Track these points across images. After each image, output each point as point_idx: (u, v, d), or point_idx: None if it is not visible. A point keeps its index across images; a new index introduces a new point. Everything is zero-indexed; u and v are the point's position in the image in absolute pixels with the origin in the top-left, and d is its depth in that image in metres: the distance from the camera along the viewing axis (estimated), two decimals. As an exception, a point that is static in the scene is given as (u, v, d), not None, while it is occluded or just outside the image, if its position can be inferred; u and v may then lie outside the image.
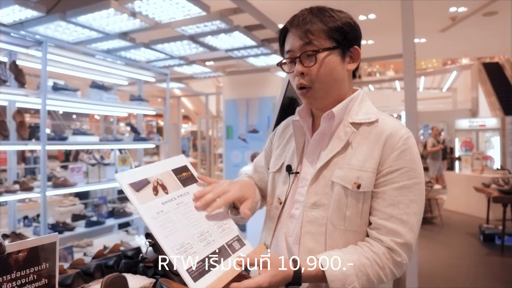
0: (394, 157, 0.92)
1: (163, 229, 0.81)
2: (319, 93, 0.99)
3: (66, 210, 4.01)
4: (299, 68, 0.97)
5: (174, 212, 0.86)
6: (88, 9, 3.61)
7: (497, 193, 5.00)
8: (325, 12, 0.98)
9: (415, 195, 0.93)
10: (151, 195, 0.86)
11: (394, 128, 0.96)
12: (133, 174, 0.87)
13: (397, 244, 0.90)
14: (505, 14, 6.18)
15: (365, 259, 0.89)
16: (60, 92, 3.38)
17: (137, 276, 1.35)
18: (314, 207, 0.98)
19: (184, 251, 0.80)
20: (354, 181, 0.93)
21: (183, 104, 15.34)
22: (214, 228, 0.90)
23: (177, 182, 0.94)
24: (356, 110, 1.01)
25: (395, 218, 0.91)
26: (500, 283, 3.88)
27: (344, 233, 0.94)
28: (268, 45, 4.94)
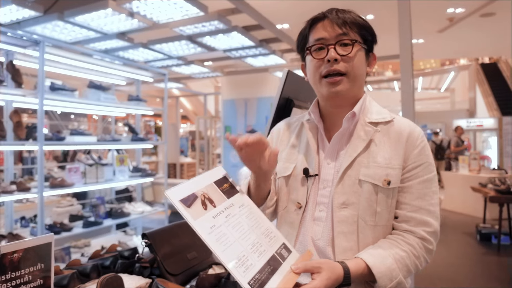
0: (416, 153, 0.99)
1: (219, 243, 0.82)
2: (350, 83, 1.00)
3: (63, 211, 4.01)
4: (333, 54, 0.98)
5: (225, 225, 0.87)
6: (86, 9, 3.61)
7: (493, 193, 5.01)
8: (355, 13, 1.04)
9: (435, 187, 1.01)
10: (201, 209, 0.87)
11: (410, 126, 1.02)
12: (182, 190, 0.88)
13: (428, 233, 0.97)
14: (502, 15, 6.20)
15: (402, 252, 0.94)
16: (57, 92, 3.38)
17: (133, 276, 1.35)
18: (343, 206, 0.99)
19: (242, 264, 0.81)
20: (384, 178, 0.97)
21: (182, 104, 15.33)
22: (262, 237, 0.91)
23: (221, 194, 0.95)
24: (369, 110, 1.05)
25: (423, 210, 0.98)
26: (496, 283, 3.89)
27: (374, 228, 0.98)
28: (266, 46, 4.94)
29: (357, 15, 1.03)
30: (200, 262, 1.45)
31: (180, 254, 1.42)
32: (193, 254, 1.46)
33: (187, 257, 1.43)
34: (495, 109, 10.61)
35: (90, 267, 1.41)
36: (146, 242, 1.38)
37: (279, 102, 1.52)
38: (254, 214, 0.97)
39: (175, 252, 1.41)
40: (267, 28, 4.36)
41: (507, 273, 4.19)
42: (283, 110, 1.56)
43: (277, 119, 1.57)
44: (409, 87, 2.72)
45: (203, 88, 11.59)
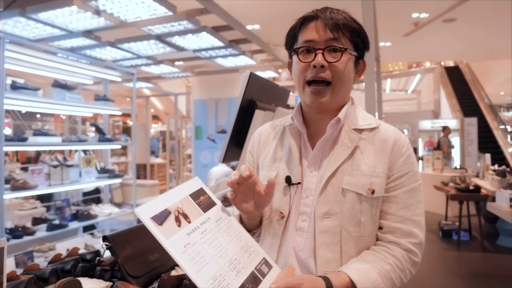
0: (401, 162, 0.96)
1: (193, 263, 0.77)
2: (335, 92, 0.96)
3: (26, 214, 3.87)
4: (320, 60, 0.92)
5: (200, 243, 0.82)
6: (50, 5, 3.50)
7: (454, 191, 5.23)
8: (349, 16, 0.98)
9: (420, 196, 0.98)
10: (174, 227, 0.81)
11: (396, 134, 0.99)
12: (153, 206, 0.81)
13: (414, 244, 0.93)
14: (463, 21, 6.48)
15: (387, 265, 0.90)
16: (19, 91, 3.27)
17: (93, 279, 1.33)
18: (326, 216, 0.94)
19: (218, 284, 0.76)
20: (368, 187, 0.93)
21: (153, 104, 15.11)
22: (241, 253, 0.86)
23: (197, 208, 0.89)
24: (355, 116, 1.01)
25: (409, 220, 0.94)
26: (455, 277, 4.07)
27: (358, 239, 0.94)
28: (236, 46, 4.95)
29: (351, 18, 0.97)
30: (162, 264, 1.45)
31: (142, 256, 1.42)
32: (155, 256, 1.45)
33: (149, 259, 1.43)
34: (458, 110, 11.05)
35: (48, 272, 1.38)
36: (106, 244, 1.37)
37: (241, 103, 1.54)
38: (233, 228, 0.91)
39: (137, 255, 1.41)
40: (236, 29, 4.37)
41: (465, 268, 4.39)
42: (246, 112, 1.58)
43: (240, 121, 1.59)
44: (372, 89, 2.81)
45: (174, 88, 11.47)
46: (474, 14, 6.18)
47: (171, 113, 13.58)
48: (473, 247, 5.10)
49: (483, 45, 8.59)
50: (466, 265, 4.47)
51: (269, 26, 5.89)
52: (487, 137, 10.02)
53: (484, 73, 13.39)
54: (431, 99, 13.65)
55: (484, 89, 12.24)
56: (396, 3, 5.40)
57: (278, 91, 1.92)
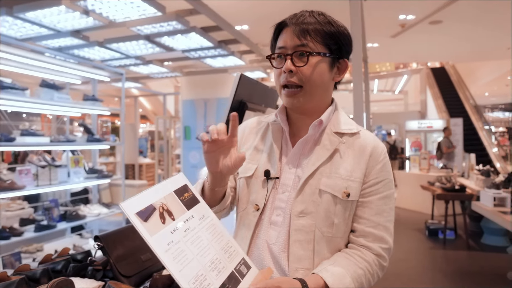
0: (378, 169, 0.99)
1: (176, 262, 0.77)
2: (307, 95, 0.99)
3: (13, 214, 3.83)
4: (289, 65, 0.96)
5: (184, 241, 0.82)
6: (37, 5, 3.47)
7: (440, 190, 5.33)
8: (325, 18, 0.99)
9: (393, 203, 1.02)
10: (159, 223, 0.81)
11: (375, 142, 1.03)
12: (138, 201, 0.81)
13: (384, 249, 0.98)
14: (449, 23, 6.60)
15: (360, 270, 0.94)
16: (6, 91, 3.23)
17: (85, 279, 1.34)
18: (302, 215, 0.97)
19: (200, 284, 0.77)
20: (344, 190, 0.97)
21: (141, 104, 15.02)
22: (221, 253, 0.87)
23: (181, 205, 0.89)
24: (337, 119, 1.05)
25: (381, 226, 0.98)
26: (441, 274, 4.15)
27: (331, 239, 0.98)
28: (225, 47, 4.96)
29: (326, 21, 0.98)
30: (153, 263, 1.46)
31: (134, 256, 1.43)
32: (147, 255, 1.46)
33: (141, 259, 1.44)
34: (444, 111, 11.23)
35: (40, 272, 1.38)
36: (98, 244, 1.37)
37: (232, 105, 1.57)
38: (215, 227, 0.92)
39: (128, 254, 1.41)
40: (225, 29, 4.38)
41: (451, 266, 4.49)
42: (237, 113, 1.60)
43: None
44: (360, 89, 2.86)
45: (162, 88, 11.42)
46: (460, 16, 6.30)
47: (159, 113, 13.51)
48: (458, 246, 5.21)
49: (468, 47, 8.76)
50: (452, 263, 4.56)
51: (257, 26, 5.92)
52: (472, 137, 10.21)
53: (469, 74, 13.65)
54: (417, 99, 13.85)
55: (469, 90, 12.47)
56: (383, 5, 5.48)
57: (268, 92, 1.95)
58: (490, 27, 6.94)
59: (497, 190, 4.21)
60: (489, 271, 4.25)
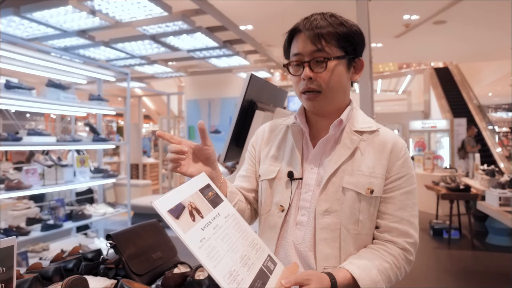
0: (399, 165, 1.00)
1: (210, 258, 0.79)
2: (327, 99, 1.00)
3: (20, 214, 3.85)
4: (308, 72, 0.97)
5: (214, 238, 0.84)
6: (44, 5, 3.49)
7: (444, 190, 5.32)
8: (337, 19, 0.98)
9: (415, 198, 1.02)
10: (190, 221, 0.82)
11: (394, 138, 1.03)
12: (169, 200, 0.83)
13: (409, 244, 0.99)
14: (453, 23, 6.60)
15: (386, 263, 0.95)
16: (13, 90, 3.25)
17: (98, 277, 1.35)
18: (326, 213, 0.99)
19: (234, 279, 0.79)
20: (367, 187, 0.97)
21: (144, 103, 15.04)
22: (249, 250, 0.89)
23: (207, 203, 0.91)
24: (356, 118, 1.05)
25: (405, 221, 0.99)
26: (446, 274, 4.15)
27: (357, 236, 0.98)
28: (230, 47, 4.98)
29: (338, 22, 0.98)
30: (165, 262, 1.47)
31: (145, 254, 1.44)
32: (158, 254, 1.47)
33: (152, 257, 1.45)
34: (447, 111, 11.22)
35: (52, 270, 1.39)
36: (111, 243, 1.38)
37: (242, 104, 1.57)
38: (240, 225, 0.94)
39: (140, 253, 1.43)
40: (230, 29, 4.39)
41: (456, 265, 4.48)
42: (246, 113, 1.61)
43: (241, 121, 1.62)
44: (367, 89, 2.86)
45: (166, 88, 11.44)
46: (464, 17, 6.29)
47: (162, 113, 13.54)
48: (463, 246, 5.20)
49: (472, 47, 8.74)
50: (456, 263, 4.56)
51: (261, 26, 5.93)
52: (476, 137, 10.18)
53: (473, 74, 13.62)
54: (421, 99, 13.83)
55: (472, 90, 12.44)
56: (387, 5, 5.47)
57: (277, 92, 1.96)
58: (494, 27, 6.92)
59: (502, 190, 4.20)
60: (494, 270, 4.24)
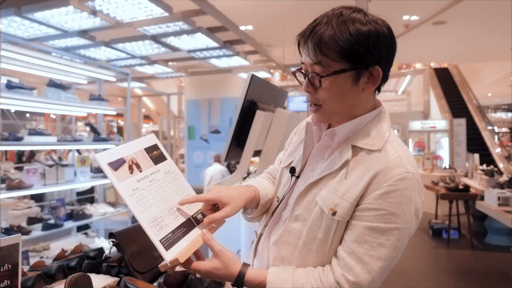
0: (376, 195, 0.84)
1: (139, 205, 0.90)
2: (330, 112, 0.93)
3: (21, 213, 3.86)
4: (306, 86, 0.92)
5: (148, 189, 0.94)
6: (46, 5, 3.50)
7: (444, 190, 5.34)
8: (343, 24, 0.85)
9: (387, 240, 0.84)
10: (127, 173, 0.93)
11: (390, 163, 0.86)
12: (111, 154, 0.93)
13: (347, 281, 0.85)
14: (452, 24, 6.62)
15: (309, 285, 0.87)
16: (14, 90, 3.26)
17: (101, 275, 1.37)
18: (297, 219, 0.96)
19: (157, 224, 0.90)
20: (331, 207, 0.88)
21: (144, 103, 15.06)
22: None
23: (149, 160, 1.01)
24: (366, 131, 0.93)
25: (355, 255, 0.85)
26: (445, 273, 4.17)
27: (312, 253, 0.92)
28: (230, 47, 4.99)
29: (343, 29, 0.84)
30: (167, 260, 1.48)
31: (147, 252, 1.45)
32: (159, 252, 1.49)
33: (154, 256, 1.46)
34: (447, 111, 11.23)
35: (55, 268, 1.41)
36: (113, 241, 1.40)
37: (243, 104, 1.59)
38: (179, 181, 1.04)
39: (142, 251, 1.44)
40: (231, 29, 4.41)
41: (455, 265, 4.50)
42: (247, 113, 1.63)
43: (241, 121, 1.64)
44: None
45: (166, 88, 11.45)
46: (464, 17, 6.31)
47: (162, 113, 13.55)
48: (462, 245, 5.22)
49: (471, 47, 8.76)
50: (455, 263, 4.58)
51: (262, 27, 5.95)
52: (475, 137, 10.21)
53: (473, 75, 13.64)
54: (421, 100, 13.83)
55: (472, 91, 12.46)
56: (387, 5, 5.49)
57: (277, 92, 1.97)
58: (493, 28, 6.95)
59: (501, 190, 4.22)
60: (493, 270, 4.26)
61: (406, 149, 0.92)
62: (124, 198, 0.88)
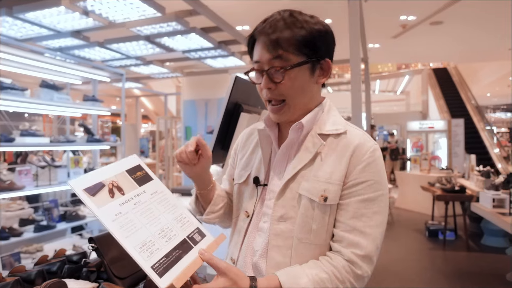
0: (359, 169, 0.91)
1: (123, 230, 0.81)
2: (292, 108, 0.96)
3: (13, 215, 3.84)
4: (267, 82, 0.93)
5: (133, 212, 0.86)
6: (37, 5, 3.47)
7: (440, 191, 5.32)
8: (297, 22, 0.91)
9: (379, 207, 0.91)
10: (107, 198, 0.85)
11: (361, 140, 0.94)
12: (87, 179, 0.85)
13: (358, 256, 0.88)
14: (450, 24, 6.60)
15: (324, 274, 0.87)
16: (6, 91, 3.24)
17: (79, 281, 1.34)
18: (281, 220, 0.95)
19: (147, 249, 0.81)
20: (321, 194, 0.91)
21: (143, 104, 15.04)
22: (173, 223, 0.91)
23: (132, 182, 0.93)
24: (324, 120, 0.99)
25: (357, 231, 0.89)
26: (440, 275, 4.15)
27: (310, 246, 0.93)
28: (225, 47, 4.97)
29: (297, 25, 0.90)
30: (148, 265, 1.46)
31: (128, 257, 1.42)
32: (141, 257, 1.47)
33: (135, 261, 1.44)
34: (445, 111, 11.21)
35: (35, 273, 1.38)
36: (93, 246, 1.38)
37: (227, 107, 1.57)
38: (168, 201, 0.95)
39: (123, 256, 1.41)
40: (225, 30, 4.38)
41: (450, 266, 4.48)
42: (232, 115, 1.61)
43: (226, 124, 1.62)
44: (358, 90, 2.84)
45: (165, 88, 11.44)
46: (461, 17, 6.29)
47: (161, 113, 13.53)
48: (458, 247, 5.20)
49: (469, 47, 8.74)
50: (450, 264, 4.56)
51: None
52: (473, 138, 10.19)
53: (471, 75, 13.62)
54: (419, 100, 13.83)
55: (471, 91, 12.44)
56: (384, 6, 5.47)
57: (264, 94, 1.95)
58: (491, 28, 6.92)
59: (496, 192, 4.20)
60: (488, 272, 4.24)
61: (362, 129, 1.01)
62: (106, 225, 0.79)
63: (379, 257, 0.94)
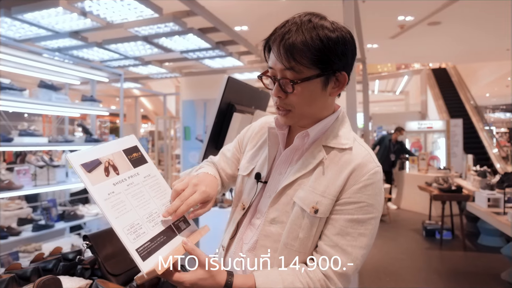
0: (355, 189, 0.91)
1: (114, 210, 0.83)
2: (299, 116, 0.96)
3: (11, 214, 3.87)
4: (277, 91, 0.93)
5: (125, 193, 0.88)
6: (35, 6, 3.51)
7: (437, 191, 5.34)
8: (314, 30, 0.87)
9: (366, 229, 0.92)
10: (102, 176, 0.86)
11: (363, 159, 0.93)
12: (85, 154, 0.86)
13: (335, 273, 0.89)
14: (448, 24, 6.61)
15: (299, 284, 0.89)
16: (4, 91, 3.27)
17: (74, 278, 1.37)
18: (273, 222, 0.98)
19: (134, 231, 0.83)
20: (313, 205, 0.92)
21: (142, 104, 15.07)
22: (162, 209, 0.93)
23: (128, 162, 0.94)
24: (333, 131, 0.98)
25: (339, 248, 0.91)
26: (437, 275, 4.17)
27: (294, 253, 0.94)
28: (223, 48, 5.00)
29: (314, 36, 0.86)
30: (142, 262, 1.48)
31: (122, 254, 1.45)
32: (135, 254, 1.49)
33: (129, 258, 1.45)
34: (444, 111, 11.22)
35: (30, 271, 1.40)
36: (87, 243, 1.40)
37: (220, 107, 1.59)
38: (159, 186, 0.97)
39: (117, 253, 1.44)
40: (223, 30, 4.41)
41: (446, 266, 4.50)
42: (224, 115, 1.63)
43: (219, 124, 1.64)
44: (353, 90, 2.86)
45: (164, 88, 11.46)
46: (459, 18, 6.30)
47: (160, 113, 13.56)
48: (454, 246, 5.22)
49: (468, 48, 8.75)
50: (447, 264, 4.58)
51: (257, 27, 5.93)
52: (472, 138, 10.20)
53: (470, 75, 13.63)
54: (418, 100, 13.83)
55: (470, 91, 12.45)
56: (382, 6, 5.49)
57: (258, 94, 1.98)
58: (489, 28, 6.94)
59: (491, 191, 4.22)
60: (483, 271, 4.26)
61: (368, 146, 0.99)
62: (98, 203, 0.81)
63: (376, 256, 0.96)
